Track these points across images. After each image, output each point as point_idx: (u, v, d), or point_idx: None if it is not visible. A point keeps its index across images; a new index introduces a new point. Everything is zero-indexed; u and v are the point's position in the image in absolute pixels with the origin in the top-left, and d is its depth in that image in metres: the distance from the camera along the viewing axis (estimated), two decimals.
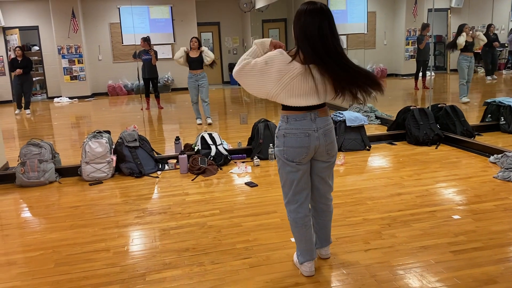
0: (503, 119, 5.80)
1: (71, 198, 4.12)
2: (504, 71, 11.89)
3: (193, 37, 7.33)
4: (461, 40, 7.79)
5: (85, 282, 2.59)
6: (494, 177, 4.07)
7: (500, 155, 4.47)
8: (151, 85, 9.51)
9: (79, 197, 4.15)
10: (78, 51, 12.37)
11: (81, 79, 12.52)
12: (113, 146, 4.80)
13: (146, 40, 9.29)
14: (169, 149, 5.75)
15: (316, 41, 2.16)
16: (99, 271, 2.70)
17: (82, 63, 12.46)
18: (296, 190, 2.40)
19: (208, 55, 7.22)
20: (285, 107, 2.34)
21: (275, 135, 2.42)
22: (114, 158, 4.68)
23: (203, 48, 7.25)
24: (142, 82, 9.68)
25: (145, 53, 9.22)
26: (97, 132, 4.81)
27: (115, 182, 4.55)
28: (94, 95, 12.77)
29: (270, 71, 2.20)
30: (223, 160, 4.90)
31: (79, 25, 12.25)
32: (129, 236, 3.21)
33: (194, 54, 7.20)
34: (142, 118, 8.07)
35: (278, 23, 14.35)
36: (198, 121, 7.44)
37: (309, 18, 2.16)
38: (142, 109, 9.58)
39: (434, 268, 2.54)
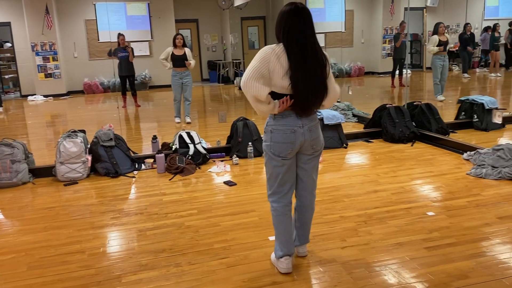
0: (476, 116, 5.94)
1: (45, 199, 4.03)
2: (477, 69, 12.17)
3: (178, 34, 7.15)
4: (432, 49, 7.93)
5: (59, 285, 2.54)
6: (467, 174, 4.16)
7: (473, 152, 4.58)
8: (128, 83, 9.39)
9: (53, 198, 4.07)
10: (52, 48, 12.11)
11: (56, 77, 12.26)
12: (88, 146, 4.72)
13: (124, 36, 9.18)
14: (146, 148, 5.69)
15: (298, 40, 2.28)
16: (73, 274, 2.65)
17: (57, 60, 12.20)
18: (281, 182, 2.50)
19: (192, 63, 7.15)
20: None
21: (264, 130, 2.50)
22: (90, 158, 4.60)
23: (190, 59, 7.11)
24: (118, 79, 9.55)
25: (122, 50, 9.09)
26: (72, 132, 4.71)
27: (90, 182, 4.47)
28: (69, 93, 12.54)
29: (272, 62, 2.29)
30: (201, 159, 4.87)
31: (54, 22, 11.99)
32: (105, 237, 3.17)
33: (179, 52, 7.06)
34: (118, 117, 7.95)
35: (257, 21, 14.34)
36: (177, 120, 7.35)
37: (294, 18, 2.30)
38: (118, 107, 9.45)
39: (409, 265, 2.58)
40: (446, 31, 8.03)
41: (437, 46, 7.91)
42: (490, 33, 11.25)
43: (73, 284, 2.54)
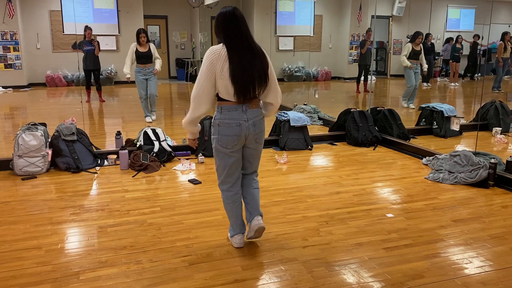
0: (435, 123, 6.16)
1: (1, 193, 3.87)
2: (438, 79, 12.63)
3: (141, 31, 6.93)
4: (403, 60, 8.14)
5: (13, 281, 2.45)
6: (425, 178, 4.31)
7: (431, 158, 4.74)
8: (93, 77, 9.16)
9: (10, 192, 3.92)
10: (14, 38, 11.66)
11: (17, 68, 11.81)
12: (49, 140, 4.58)
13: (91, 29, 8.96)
14: (110, 144, 5.57)
15: (233, 37, 2.51)
16: (29, 270, 2.57)
17: (18, 50, 11.75)
18: (228, 173, 2.72)
19: (159, 63, 7.06)
20: (220, 99, 2.60)
21: (211, 124, 2.68)
22: (50, 152, 4.46)
23: (156, 55, 6.99)
24: (83, 73, 9.30)
25: (88, 43, 8.86)
26: (31, 124, 4.56)
27: (50, 177, 4.34)
28: (30, 85, 12.10)
29: (215, 66, 2.51)
30: (166, 157, 4.82)
31: (16, 11, 11.54)
32: (64, 233, 3.08)
33: (143, 49, 6.91)
34: (82, 111, 7.75)
35: None
36: (148, 119, 7.15)
37: (229, 21, 2.53)
38: (82, 102, 9.21)
39: (368, 264, 2.65)
40: (421, 41, 8.27)
41: (409, 55, 8.10)
42: (451, 43, 11.72)
43: (28, 281, 2.46)
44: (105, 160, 4.75)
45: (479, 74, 11.30)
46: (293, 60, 13.64)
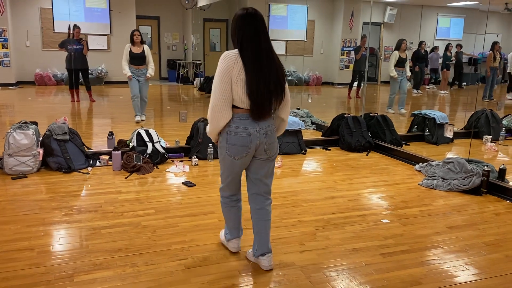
0: (427, 130, 6.21)
1: None
2: (427, 86, 12.76)
3: (136, 30, 6.86)
4: (391, 69, 8.25)
5: (5, 283, 2.39)
6: (419, 184, 4.33)
7: (424, 164, 4.77)
8: (82, 77, 9.03)
9: None
10: (3, 35, 11.46)
11: (5, 65, 11.60)
12: (40, 139, 4.50)
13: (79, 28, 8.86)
14: (100, 145, 5.49)
15: (252, 45, 2.34)
16: (21, 272, 2.51)
17: (7, 48, 11.56)
18: (231, 181, 2.62)
19: (151, 69, 6.98)
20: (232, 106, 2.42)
21: (220, 131, 2.48)
22: (41, 151, 4.38)
23: (149, 58, 6.94)
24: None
25: (76, 42, 8.75)
26: (23, 123, 4.48)
27: (41, 177, 4.26)
28: (19, 83, 11.91)
29: (231, 72, 2.34)
30: (159, 158, 4.77)
31: (6, 7, 11.37)
32: (56, 234, 3.02)
33: (137, 50, 6.80)
34: (71, 111, 7.64)
35: (219, 23, 14.30)
36: (137, 118, 7.08)
37: (247, 23, 2.36)
38: (74, 101, 9.09)
39: (365, 270, 2.65)
40: (406, 48, 8.36)
41: (396, 61, 8.21)
42: (437, 52, 11.90)
43: (21, 283, 2.40)
44: (97, 161, 4.68)
45: (469, 83, 11.46)
46: (284, 64, 13.61)
